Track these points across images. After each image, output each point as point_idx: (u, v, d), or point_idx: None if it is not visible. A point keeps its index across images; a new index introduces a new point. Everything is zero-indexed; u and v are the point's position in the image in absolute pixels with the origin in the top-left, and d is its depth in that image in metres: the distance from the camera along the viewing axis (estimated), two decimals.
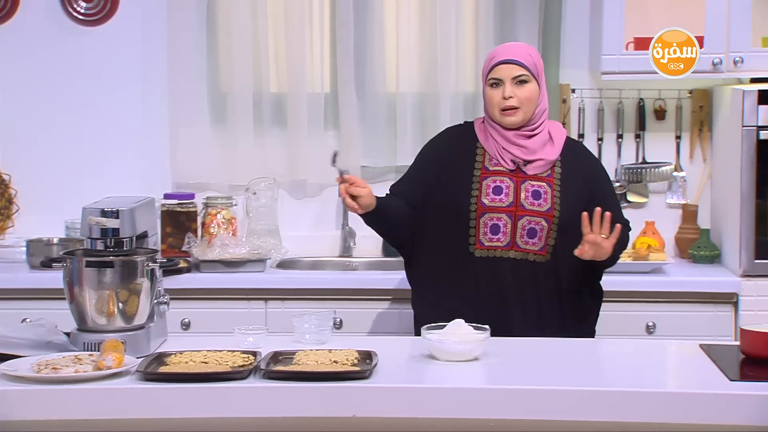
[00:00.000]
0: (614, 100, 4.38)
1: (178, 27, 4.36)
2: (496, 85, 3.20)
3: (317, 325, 2.95)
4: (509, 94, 3.18)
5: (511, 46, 3.29)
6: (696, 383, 2.65)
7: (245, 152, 4.40)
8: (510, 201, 3.18)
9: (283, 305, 3.94)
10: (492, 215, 3.18)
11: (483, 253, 3.19)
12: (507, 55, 3.20)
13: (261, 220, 4.30)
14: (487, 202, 3.18)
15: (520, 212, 3.18)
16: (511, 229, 3.17)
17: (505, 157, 3.21)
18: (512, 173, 3.21)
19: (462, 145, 3.28)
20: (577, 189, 3.22)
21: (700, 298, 3.88)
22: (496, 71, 3.20)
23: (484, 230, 3.18)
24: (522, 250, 3.17)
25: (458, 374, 2.68)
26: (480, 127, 3.29)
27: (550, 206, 3.18)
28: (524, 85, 3.19)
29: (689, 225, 4.31)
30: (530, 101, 3.20)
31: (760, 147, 3.86)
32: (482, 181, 3.20)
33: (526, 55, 3.22)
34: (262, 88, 4.41)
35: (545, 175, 3.22)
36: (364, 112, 4.40)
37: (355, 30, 4.35)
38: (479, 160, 3.24)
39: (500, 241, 3.18)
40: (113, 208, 2.82)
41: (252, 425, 2.57)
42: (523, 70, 3.19)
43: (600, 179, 3.32)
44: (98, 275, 2.78)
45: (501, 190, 3.19)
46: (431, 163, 3.30)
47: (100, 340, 2.73)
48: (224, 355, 2.72)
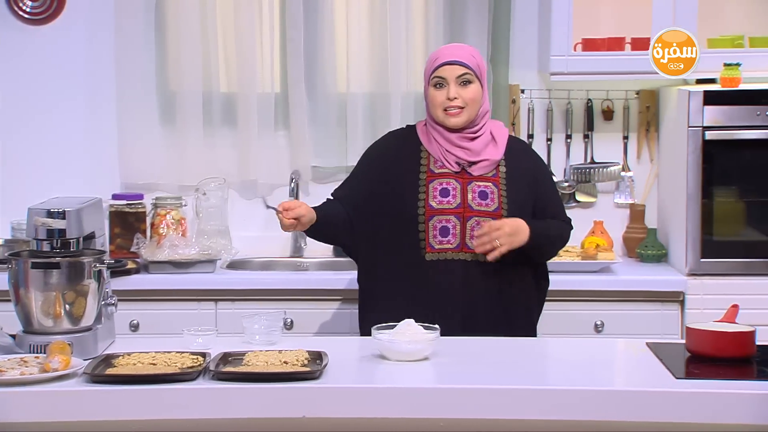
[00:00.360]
0: (563, 101, 4.42)
1: (126, 26, 4.33)
2: (439, 86, 3.20)
3: (267, 325, 2.94)
4: (454, 95, 3.18)
5: (455, 47, 3.29)
6: (642, 381, 2.68)
7: (195, 152, 4.38)
8: (458, 202, 3.19)
9: (233, 306, 3.92)
10: (441, 218, 3.18)
11: (434, 256, 3.19)
12: (451, 56, 3.20)
13: (211, 220, 4.28)
14: (435, 205, 3.19)
15: (468, 213, 3.18)
16: (460, 231, 3.18)
17: (450, 160, 3.22)
18: (458, 175, 3.22)
19: (405, 149, 3.27)
20: (522, 187, 3.24)
21: (647, 297, 3.92)
22: (439, 71, 3.20)
23: (434, 233, 3.18)
24: (472, 251, 3.18)
25: (408, 374, 2.68)
26: (422, 130, 3.29)
27: (498, 206, 3.20)
28: (468, 85, 3.20)
29: (637, 224, 4.36)
30: (474, 102, 3.20)
31: (706, 147, 3.91)
32: (428, 184, 3.20)
33: (470, 56, 3.22)
34: (211, 88, 4.39)
35: (491, 175, 3.22)
36: (315, 112, 4.40)
37: (305, 30, 4.34)
38: (424, 164, 3.23)
39: (450, 243, 3.18)
40: (59, 208, 2.79)
41: (201, 426, 2.55)
42: (467, 70, 3.19)
43: (543, 177, 3.34)
44: (44, 276, 2.75)
45: (448, 192, 3.20)
46: (374, 168, 3.29)
47: (47, 342, 2.70)
48: (173, 356, 2.70)
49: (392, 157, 3.28)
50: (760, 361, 2.74)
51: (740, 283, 3.88)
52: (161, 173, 4.39)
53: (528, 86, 4.40)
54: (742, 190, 3.98)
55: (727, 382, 2.58)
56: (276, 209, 3.17)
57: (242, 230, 4.39)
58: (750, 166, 3.97)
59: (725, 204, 3.97)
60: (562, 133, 4.43)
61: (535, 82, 4.41)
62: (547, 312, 3.89)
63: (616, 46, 4.17)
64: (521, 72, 4.39)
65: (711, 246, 3.93)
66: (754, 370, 2.70)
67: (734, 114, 3.91)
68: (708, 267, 3.92)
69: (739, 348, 2.76)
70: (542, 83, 4.40)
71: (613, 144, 4.42)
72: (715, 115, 3.90)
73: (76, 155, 4.39)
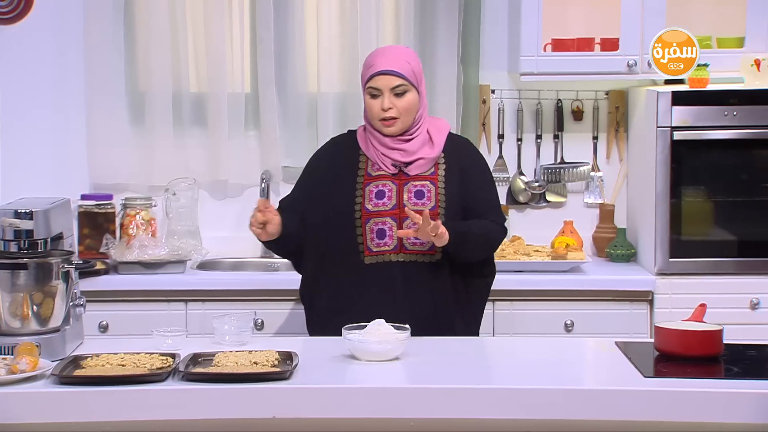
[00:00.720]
0: (533, 101, 4.43)
1: (94, 25, 4.30)
2: (374, 96, 3.16)
3: (237, 326, 2.94)
4: (388, 105, 3.14)
5: (389, 54, 3.20)
6: (611, 380, 2.70)
7: (164, 152, 4.36)
8: (393, 204, 3.16)
9: (203, 307, 3.91)
10: (377, 220, 3.16)
11: (372, 259, 3.17)
12: (385, 65, 3.14)
13: (181, 221, 4.27)
14: (371, 207, 3.16)
15: (404, 214, 3.14)
16: (397, 232, 3.15)
17: (386, 162, 3.19)
18: (395, 176, 3.19)
19: (344, 154, 3.25)
20: (459, 184, 3.21)
21: (616, 297, 3.94)
22: (374, 81, 3.15)
23: (371, 236, 3.16)
24: (410, 252, 3.16)
25: (379, 374, 2.68)
26: (362, 135, 3.27)
27: (434, 205, 3.17)
28: (403, 96, 3.15)
29: (606, 224, 4.38)
30: (409, 111, 3.16)
31: (674, 147, 3.93)
32: (365, 187, 3.18)
33: (405, 63, 3.16)
34: (181, 88, 4.37)
35: (428, 174, 3.20)
36: (286, 112, 4.39)
37: (275, 30, 4.33)
38: (362, 167, 3.22)
39: (387, 245, 3.16)
40: (27, 209, 2.77)
41: (171, 428, 2.54)
42: (401, 80, 3.14)
43: (475, 173, 3.25)
44: (11, 277, 2.73)
45: (384, 194, 3.17)
46: (315, 176, 3.28)
47: (14, 343, 2.68)
48: (142, 357, 2.69)
49: (332, 163, 3.26)
50: (728, 360, 2.77)
51: (708, 283, 3.91)
52: (131, 173, 4.37)
53: (498, 86, 4.42)
54: (710, 190, 4.01)
55: (695, 380, 2.59)
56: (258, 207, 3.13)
57: (212, 231, 4.37)
58: (718, 166, 4.00)
59: (693, 204, 4.00)
60: (532, 133, 4.44)
61: (505, 82, 4.42)
62: (517, 311, 3.93)
63: (586, 46, 4.19)
64: (491, 72, 4.41)
65: (679, 245, 3.95)
66: (722, 369, 2.72)
67: (702, 114, 3.94)
68: (676, 266, 3.95)
69: (706, 347, 2.78)
70: (512, 83, 4.42)
71: (582, 144, 4.45)
72: (683, 116, 3.93)
73: (45, 155, 4.36)
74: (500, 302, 3.91)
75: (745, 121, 3.93)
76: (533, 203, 4.45)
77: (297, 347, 2.79)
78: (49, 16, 4.34)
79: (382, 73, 3.14)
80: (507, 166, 4.44)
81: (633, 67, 4.09)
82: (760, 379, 2.61)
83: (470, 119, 4.37)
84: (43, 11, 4.34)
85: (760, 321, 3.90)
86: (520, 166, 4.44)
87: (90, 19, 4.31)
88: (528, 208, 4.46)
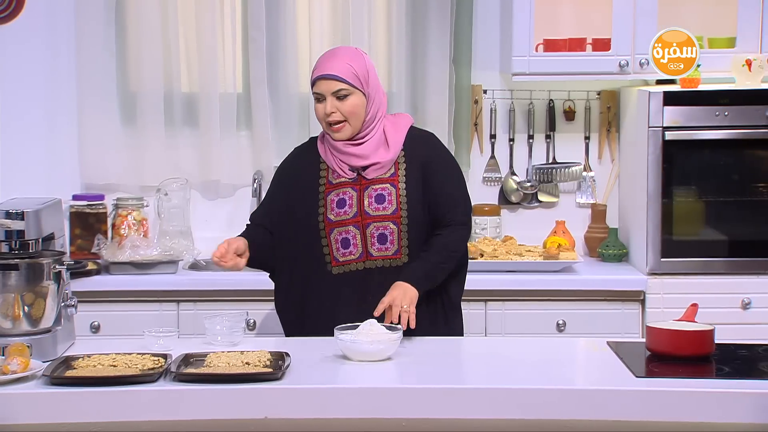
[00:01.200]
0: (525, 101, 4.43)
1: (86, 25, 4.30)
2: (319, 100, 3.11)
3: (229, 326, 2.94)
4: (330, 110, 3.07)
5: (332, 58, 3.12)
6: (603, 380, 2.70)
7: (156, 153, 4.35)
8: (354, 212, 3.11)
9: (195, 307, 3.91)
10: (340, 229, 3.11)
11: (339, 269, 3.12)
12: (325, 70, 3.08)
13: (173, 221, 4.26)
14: (333, 217, 3.11)
15: (366, 220, 3.10)
16: (361, 240, 3.10)
17: (344, 168, 3.14)
18: (354, 182, 3.13)
19: (306, 163, 3.20)
20: (421, 181, 3.12)
21: (608, 297, 3.95)
22: (317, 86, 3.09)
23: (336, 246, 3.11)
24: (376, 258, 3.11)
25: (371, 374, 2.68)
26: (321, 142, 3.21)
27: (396, 208, 3.10)
28: (346, 99, 3.08)
29: (598, 224, 4.39)
30: (354, 114, 3.10)
31: (666, 147, 3.94)
32: (326, 197, 3.13)
33: (346, 66, 3.08)
34: (173, 88, 4.36)
35: (388, 176, 3.12)
36: (277, 113, 4.39)
37: (267, 30, 4.33)
38: (323, 176, 3.17)
39: (353, 254, 3.11)
40: (18, 209, 2.77)
41: (163, 428, 2.54)
42: (342, 84, 3.06)
43: (435, 168, 3.14)
44: (2, 278, 2.73)
45: (345, 203, 3.12)
46: (280, 188, 3.22)
47: (5, 344, 2.67)
48: (134, 358, 2.69)
49: (294, 173, 3.21)
50: (719, 360, 2.77)
51: (700, 283, 3.92)
52: (122, 174, 4.37)
53: (490, 87, 4.42)
54: (702, 190, 4.01)
55: (687, 380, 2.60)
56: (212, 261, 3.10)
57: (204, 231, 4.36)
58: (709, 166, 4.01)
59: (685, 204, 4.01)
60: (524, 133, 4.45)
61: (497, 82, 4.42)
62: (509, 311, 3.93)
63: (578, 46, 4.19)
64: (483, 73, 4.41)
65: (671, 245, 3.96)
66: (713, 369, 2.73)
67: (694, 114, 3.94)
68: (668, 266, 3.95)
69: (698, 347, 2.78)
70: (504, 84, 4.42)
71: (574, 144, 4.45)
72: (674, 116, 3.94)
73: (36, 156, 4.35)
74: (492, 302, 3.91)
75: (737, 121, 3.94)
76: (525, 203, 4.46)
77: (289, 347, 2.79)
78: (41, 15, 4.33)
79: (322, 77, 3.09)
80: (499, 167, 4.44)
81: (625, 67, 4.09)
82: (751, 379, 2.61)
83: (462, 119, 4.38)
84: (35, 11, 4.33)
85: (752, 321, 3.91)
86: (512, 167, 4.45)
87: (81, 18, 4.30)
88: (520, 208, 4.47)
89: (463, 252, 3.19)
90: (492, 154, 4.44)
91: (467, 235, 3.18)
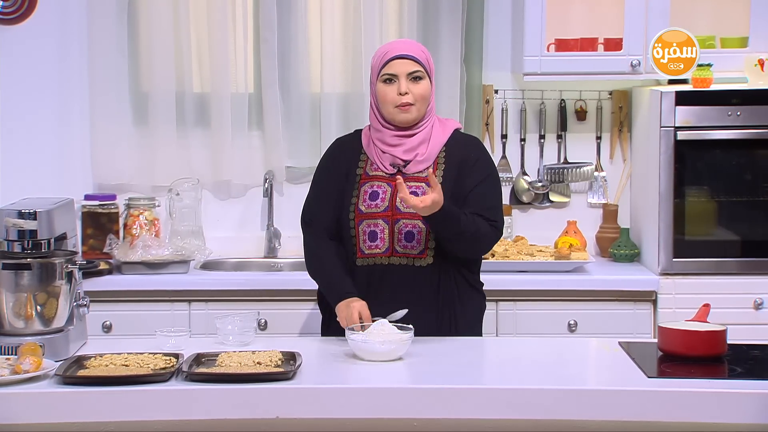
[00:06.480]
0: (536, 101, 4.43)
1: (98, 26, 4.31)
2: (390, 81, 3.09)
3: (240, 326, 2.94)
4: (405, 89, 3.07)
5: (405, 42, 3.18)
6: (615, 380, 2.69)
7: (168, 153, 4.36)
8: (386, 206, 3.09)
9: (206, 307, 3.91)
10: (369, 222, 3.09)
11: (364, 261, 3.11)
12: (402, 50, 3.09)
13: (184, 221, 4.27)
14: (364, 209, 3.10)
15: (396, 216, 3.08)
16: (389, 235, 3.09)
17: (385, 161, 3.13)
18: (391, 177, 3.11)
19: (347, 154, 3.19)
20: (455, 182, 3.10)
21: (620, 297, 3.94)
22: (390, 66, 3.07)
23: (363, 238, 3.10)
24: (401, 255, 3.09)
25: (382, 374, 2.68)
26: (366, 134, 3.20)
27: None
28: (419, 81, 3.09)
29: (610, 224, 4.38)
30: (424, 99, 3.10)
31: (678, 147, 3.93)
32: (360, 188, 3.13)
33: (420, 51, 3.11)
34: (184, 88, 4.37)
35: (425, 175, 3.05)
36: (289, 113, 4.39)
37: (279, 31, 4.33)
38: (362, 167, 3.16)
39: (379, 247, 3.09)
40: (31, 209, 2.77)
41: (174, 428, 2.54)
42: (418, 66, 3.08)
43: (477, 170, 3.12)
44: (15, 277, 2.74)
45: (377, 195, 3.11)
46: (326, 178, 3.20)
47: (18, 343, 2.68)
48: (145, 357, 2.69)
49: (337, 163, 3.20)
50: (732, 360, 2.76)
51: (712, 283, 3.91)
52: (134, 174, 4.37)
53: (501, 87, 4.41)
54: (714, 189, 4.00)
55: (699, 380, 2.59)
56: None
57: (216, 231, 4.38)
58: (721, 166, 4.00)
59: (697, 204, 4.00)
60: (535, 133, 4.44)
61: (508, 82, 4.42)
62: (521, 311, 3.93)
63: (589, 46, 4.19)
64: (495, 72, 4.40)
65: (683, 245, 3.95)
66: (725, 369, 2.72)
67: (706, 114, 3.93)
68: (680, 266, 3.95)
69: (710, 347, 2.78)
70: (516, 84, 4.42)
71: (586, 144, 4.44)
72: (686, 116, 3.93)
73: (48, 156, 4.36)
74: (504, 302, 3.91)
75: (749, 121, 3.93)
76: (536, 203, 4.45)
77: (300, 347, 2.79)
78: (53, 16, 4.34)
79: (399, 57, 3.08)
80: (510, 166, 4.44)
81: (636, 67, 4.09)
82: (764, 380, 2.60)
83: (473, 119, 4.37)
84: (47, 11, 4.34)
85: (764, 321, 3.90)
86: (524, 166, 4.44)
87: (93, 19, 4.31)
88: (531, 209, 4.46)
89: (484, 246, 3.15)
90: (503, 154, 4.44)
91: (494, 237, 3.12)
